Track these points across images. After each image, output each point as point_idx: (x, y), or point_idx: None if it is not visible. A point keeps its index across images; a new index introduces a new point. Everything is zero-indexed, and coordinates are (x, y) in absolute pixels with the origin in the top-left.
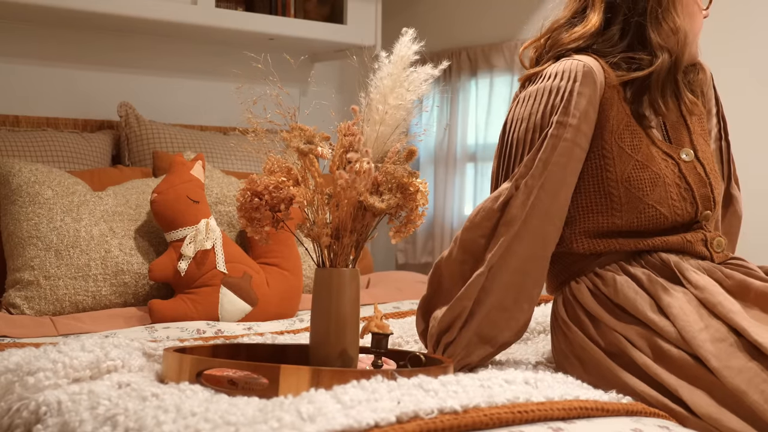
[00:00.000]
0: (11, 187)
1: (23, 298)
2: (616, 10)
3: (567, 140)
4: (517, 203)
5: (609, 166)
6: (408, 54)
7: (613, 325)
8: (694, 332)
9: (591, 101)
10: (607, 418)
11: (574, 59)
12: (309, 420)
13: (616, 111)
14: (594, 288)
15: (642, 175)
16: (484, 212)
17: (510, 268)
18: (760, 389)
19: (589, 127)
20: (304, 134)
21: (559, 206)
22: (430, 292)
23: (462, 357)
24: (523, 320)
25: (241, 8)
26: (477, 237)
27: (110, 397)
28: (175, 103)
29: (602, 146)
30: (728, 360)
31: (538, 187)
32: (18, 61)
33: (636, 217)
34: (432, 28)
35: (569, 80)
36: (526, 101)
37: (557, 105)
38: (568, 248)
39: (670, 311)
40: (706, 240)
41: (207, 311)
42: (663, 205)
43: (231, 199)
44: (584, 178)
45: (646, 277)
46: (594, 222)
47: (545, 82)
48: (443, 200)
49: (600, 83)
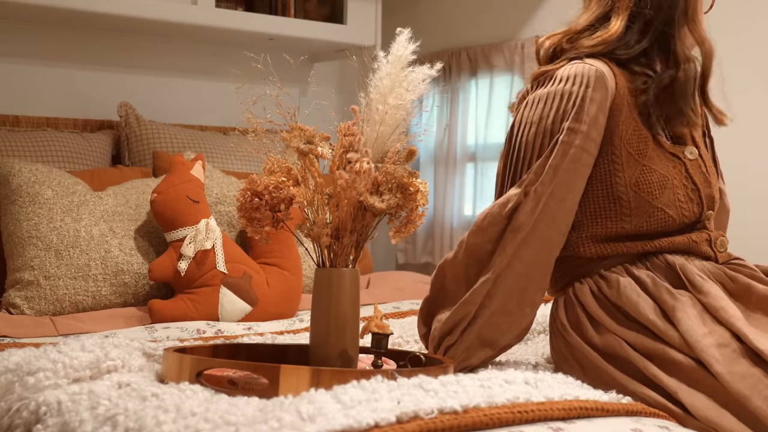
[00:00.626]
0: (11, 187)
1: (23, 298)
2: (640, 19)
3: (576, 146)
4: (526, 210)
5: (618, 172)
6: (405, 54)
7: (614, 328)
8: (698, 337)
9: (601, 107)
10: (607, 418)
11: (586, 63)
12: (309, 420)
13: (625, 117)
14: (597, 290)
15: (650, 178)
16: (492, 217)
17: (515, 273)
18: (763, 395)
19: (598, 133)
20: (304, 134)
21: (565, 212)
22: (432, 294)
23: (462, 359)
24: (525, 324)
25: (241, 8)
26: (483, 242)
27: (110, 397)
28: (175, 103)
29: (612, 152)
30: (731, 365)
31: (548, 195)
32: (18, 61)
33: (645, 221)
34: (432, 27)
35: (581, 85)
36: (536, 104)
37: (569, 111)
38: (575, 252)
39: (674, 315)
40: (710, 240)
41: (207, 311)
42: (671, 208)
43: (231, 199)
44: (593, 183)
45: (650, 280)
46: (602, 227)
47: (557, 85)
48: (443, 200)
49: (611, 89)
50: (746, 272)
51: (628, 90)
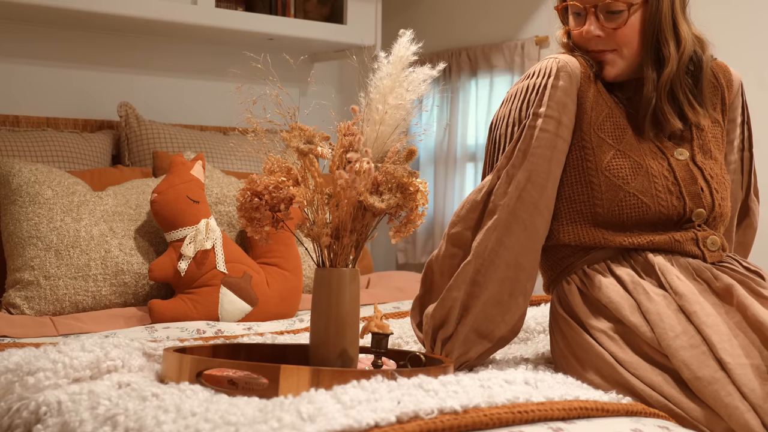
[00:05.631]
0: (11, 187)
1: (23, 298)
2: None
3: (549, 132)
4: (498, 192)
5: (589, 156)
6: (407, 54)
7: (602, 326)
8: (669, 340)
9: (568, 93)
10: (607, 419)
11: (551, 57)
12: (309, 420)
13: (594, 102)
14: (583, 287)
15: (622, 163)
16: (469, 204)
17: (503, 263)
18: (724, 402)
19: (569, 119)
20: (304, 134)
21: (547, 198)
22: (423, 290)
23: (461, 353)
24: (519, 314)
25: (241, 8)
26: (463, 230)
27: (110, 397)
28: (175, 103)
29: (581, 137)
30: (699, 369)
31: (525, 180)
32: (18, 61)
33: (617, 205)
34: (432, 28)
35: (544, 76)
36: (508, 101)
37: (533, 100)
38: (557, 240)
39: (649, 317)
40: (697, 239)
41: (207, 311)
42: (645, 195)
43: (231, 199)
44: (567, 169)
45: (630, 278)
46: (577, 212)
47: (524, 81)
48: (443, 200)
49: (575, 76)
50: (730, 273)
51: (593, 76)
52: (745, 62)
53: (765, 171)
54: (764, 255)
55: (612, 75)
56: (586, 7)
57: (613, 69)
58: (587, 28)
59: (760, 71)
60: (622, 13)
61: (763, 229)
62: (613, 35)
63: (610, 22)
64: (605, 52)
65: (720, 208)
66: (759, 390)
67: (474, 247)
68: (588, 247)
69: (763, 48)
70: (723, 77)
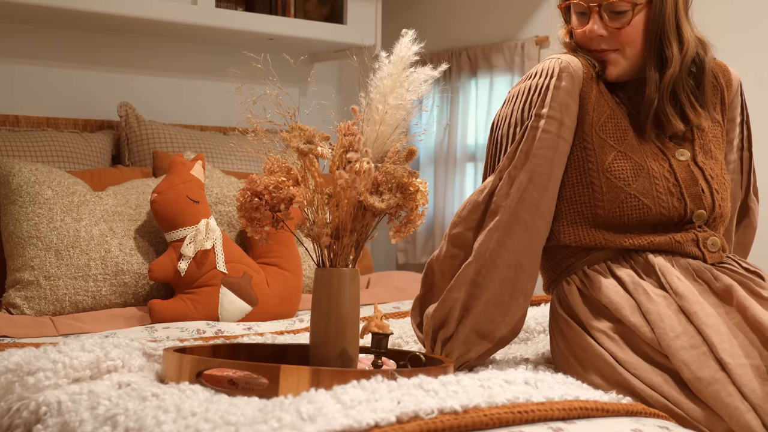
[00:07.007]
0: (11, 187)
1: (23, 298)
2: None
3: (551, 133)
4: (501, 193)
5: (590, 157)
6: (408, 55)
7: (603, 326)
8: (669, 340)
9: (570, 94)
10: (607, 419)
11: (554, 57)
12: (309, 420)
13: (596, 103)
14: (583, 288)
15: (623, 164)
16: (471, 205)
17: (504, 263)
18: (724, 403)
19: (571, 120)
20: (304, 134)
21: (548, 199)
22: (423, 291)
23: (461, 354)
24: (519, 314)
25: (241, 8)
26: (465, 231)
27: (110, 397)
28: (175, 103)
29: (583, 138)
30: (699, 370)
31: (527, 180)
32: (18, 61)
33: (618, 207)
34: (432, 28)
35: (546, 77)
36: (510, 101)
37: (535, 101)
38: (557, 241)
39: (650, 317)
40: (697, 240)
41: (207, 311)
42: (647, 196)
43: (231, 199)
44: (568, 170)
45: (630, 279)
46: (578, 213)
47: (526, 81)
48: (443, 200)
49: (578, 77)
50: (730, 274)
51: (599, 78)
52: (745, 62)
53: (765, 171)
54: (764, 255)
55: (614, 75)
56: (590, 6)
57: (616, 69)
58: (591, 27)
59: (760, 71)
60: (627, 13)
61: (762, 229)
62: (616, 35)
63: (614, 21)
64: (608, 52)
65: (720, 209)
66: (759, 390)
67: (475, 248)
68: (588, 248)
69: (764, 48)
70: (722, 77)
